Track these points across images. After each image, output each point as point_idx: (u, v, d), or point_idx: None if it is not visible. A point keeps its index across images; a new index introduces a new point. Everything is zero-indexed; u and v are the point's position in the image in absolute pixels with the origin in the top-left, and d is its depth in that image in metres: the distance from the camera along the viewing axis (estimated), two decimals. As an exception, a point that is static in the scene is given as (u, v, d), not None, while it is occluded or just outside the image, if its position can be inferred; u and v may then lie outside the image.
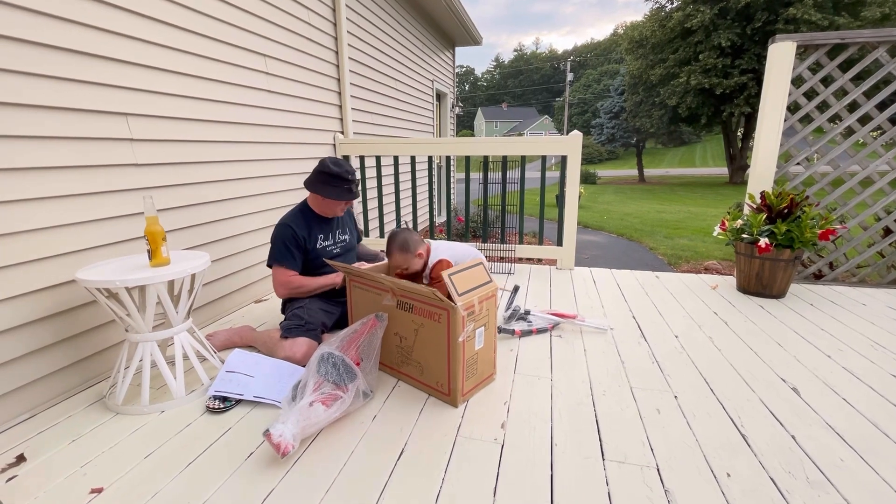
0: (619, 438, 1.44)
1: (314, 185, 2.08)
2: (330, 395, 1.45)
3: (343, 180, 2.05)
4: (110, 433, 1.51)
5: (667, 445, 1.41)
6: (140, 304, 1.67)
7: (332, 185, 2.05)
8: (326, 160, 2.06)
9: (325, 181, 2.05)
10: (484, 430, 1.49)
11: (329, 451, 1.40)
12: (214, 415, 1.60)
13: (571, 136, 3.25)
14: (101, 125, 1.83)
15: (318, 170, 2.06)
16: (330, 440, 1.45)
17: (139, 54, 1.97)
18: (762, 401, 1.65)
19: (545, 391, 1.73)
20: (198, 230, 2.36)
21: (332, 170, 2.03)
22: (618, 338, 2.20)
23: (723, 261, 5.75)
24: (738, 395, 1.68)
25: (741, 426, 1.50)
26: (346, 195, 2.08)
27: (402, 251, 1.97)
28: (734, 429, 1.49)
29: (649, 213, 10.85)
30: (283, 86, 2.99)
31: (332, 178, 2.04)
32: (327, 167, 2.04)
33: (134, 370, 1.64)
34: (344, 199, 2.08)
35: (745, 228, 2.77)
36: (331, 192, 2.06)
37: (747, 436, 1.45)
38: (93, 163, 1.80)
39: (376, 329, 1.72)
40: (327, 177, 2.04)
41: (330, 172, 2.03)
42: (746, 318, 2.45)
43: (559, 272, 3.40)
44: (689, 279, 3.18)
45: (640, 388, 1.74)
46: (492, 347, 1.75)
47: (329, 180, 2.05)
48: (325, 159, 2.06)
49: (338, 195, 2.07)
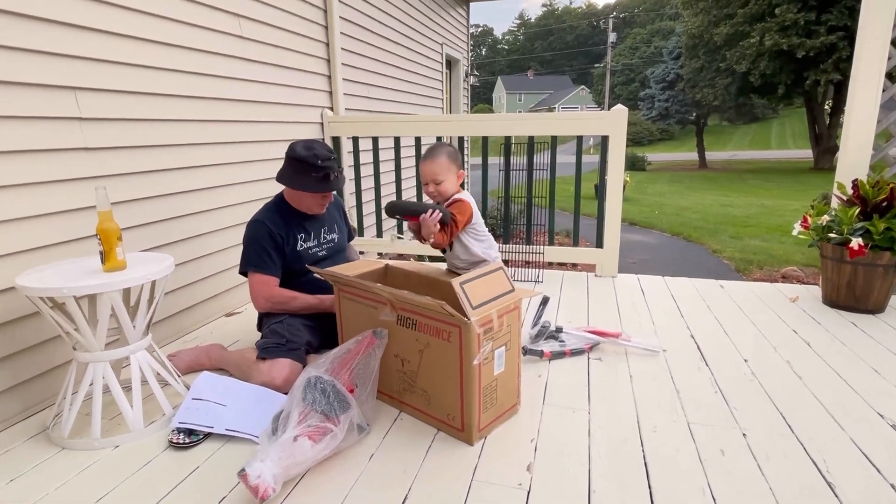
0: (672, 485, 1.44)
1: (283, 173, 2.11)
2: (318, 428, 1.48)
3: (311, 166, 2.03)
4: (55, 471, 1.55)
5: (732, 494, 1.41)
6: (90, 316, 1.72)
7: (300, 172, 2.05)
8: (297, 142, 2.08)
9: (293, 167, 2.06)
10: (505, 474, 1.50)
11: (317, 497, 1.42)
12: (179, 451, 1.63)
13: (614, 111, 3.26)
14: (44, 101, 1.89)
15: (286, 155, 2.09)
16: (318, 483, 1.47)
17: (89, 16, 2.03)
18: (853, 440, 1.64)
19: (581, 426, 1.73)
20: (158, 227, 2.42)
21: (300, 153, 2.03)
22: (672, 361, 2.20)
23: (805, 266, 5.69)
24: (822, 433, 1.67)
25: (826, 471, 1.49)
26: (317, 185, 2.07)
27: (450, 158, 2.05)
28: (817, 474, 1.48)
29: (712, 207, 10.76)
30: (260, 52, 3.05)
31: (299, 164, 2.04)
32: (294, 151, 2.05)
33: (83, 396, 1.68)
34: (316, 190, 2.08)
35: (832, 226, 2.75)
36: (299, 183, 2.07)
37: (834, 484, 1.44)
38: (34, 147, 1.86)
39: (374, 349, 1.75)
40: (294, 162, 2.05)
41: (296, 157, 2.04)
42: (834, 337, 2.43)
43: (599, 280, 3.40)
44: (761, 289, 3.16)
45: (699, 423, 1.74)
46: (515, 372, 1.76)
47: (296, 166, 2.05)
48: (295, 142, 2.09)
49: (307, 186, 2.07)
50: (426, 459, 1.57)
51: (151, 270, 1.70)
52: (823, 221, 2.79)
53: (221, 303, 2.88)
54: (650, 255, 6.85)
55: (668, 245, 7.54)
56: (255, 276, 2.11)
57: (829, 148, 18.14)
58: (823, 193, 4.44)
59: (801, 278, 5.28)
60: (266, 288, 2.10)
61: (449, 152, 2.07)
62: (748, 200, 11.78)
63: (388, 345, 1.79)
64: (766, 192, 13.25)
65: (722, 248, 6.90)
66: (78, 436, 1.69)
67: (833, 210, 2.83)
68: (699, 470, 1.50)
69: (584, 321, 2.67)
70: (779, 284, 3.29)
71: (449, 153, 2.07)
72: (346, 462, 1.56)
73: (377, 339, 1.76)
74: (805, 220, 2.90)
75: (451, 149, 2.11)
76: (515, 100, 56.21)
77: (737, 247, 6.93)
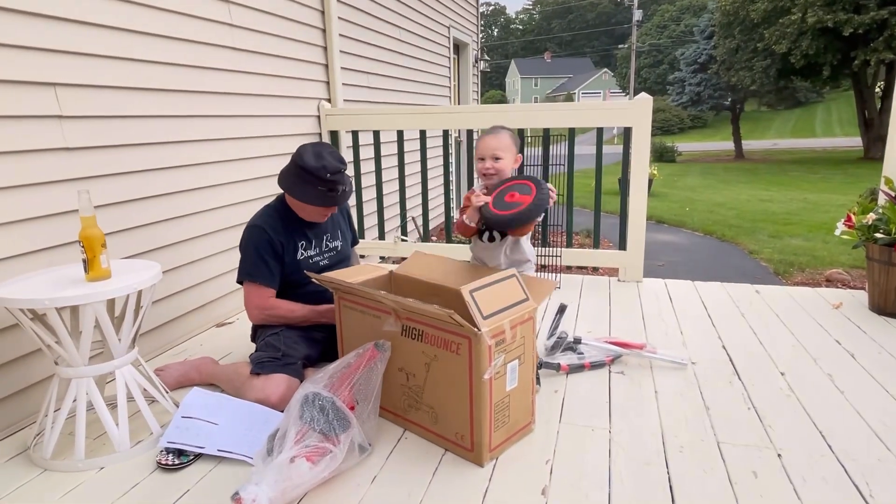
0: (700, 510, 1.46)
1: (286, 178, 2.13)
2: (316, 448, 1.51)
3: (318, 179, 2.04)
4: (37, 494, 1.59)
5: (766, 521, 1.42)
6: (73, 328, 1.77)
7: (304, 182, 2.06)
8: (306, 147, 2.09)
9: (298, 175, 2.07)
10: (519, 497, 1.52)
11: (315, 522, 1.45)
12: (168, 473, 1.67)
13: (637, 100, 3.27)
14: (22, 98, 1.94)
15: (293, 158, 2.11)
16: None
17: (69, 8, 2.09)
18: (900, 462, 1.65)
19: (601, 446, 1.76)
20: (144, 232, 2.47)
21: (307, 163, 2.04)
22: (701, 375, 2.21)
23: (852, 269, 5.66)
24: (866, 455, 1.68)
25: (870, 496, 1.50)
26: (320, 200, 2.09)
27: (512, 138, 2.09)
28: (860, 499, 1.49)
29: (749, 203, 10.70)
30: (252, 41, 3.10)
31: (306, 174, 2.04)
32: (302, 157, 2.06)
33: (66, 414, 1.72)
34: (321, 204, 2.11)
35: (879, 225, 2.75)
36: (301, 193, 2.09)
37: (878, 509, 1.46)
38: (10, 148, 1.91)
39: (376, 362, 1.78)
40: (301, 171, 2.06)
41: (304, 166, 2.04)
42: (881, 348, 2.43)
43: (622, 286, 3.41)
44: (802, 294, 3.16)
45: (730, 442, 1.76)
46: (529, 388, 1.79)
47: (302, 175, 2.06)
48: (304, 146, 2.10)
49: (311, 198, 2.09)
50: (433, 482, 1.60)
51: (138, 279, 1.74)
52: (869, 220, 2.79)
53: (212, 312, 2.93)
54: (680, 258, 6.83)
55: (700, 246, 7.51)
56: (250, 286, 2.15)
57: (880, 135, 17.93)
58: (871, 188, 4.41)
59: (847, 282, 5.25)
60: (261, 299, 2.14)
61: (511, 133, 2.13)
62: (790, 195, 11.70)
63: (392, 357, 1.82)
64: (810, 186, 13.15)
65: (759, 249, 6.87)
66: (61, 456, 1.73)
67: (880, 207, 2.83)
68: (730, 494, 1.52)
69: (605, 331, 2.68)
70: (821, 289, 3.28)
71: (511, 134, 2.12)
72: (346, 485, 1.59)
73: (379, 352, 1.79)
74: (849, 219, 2.90)
75: (512, 131, 2.16)
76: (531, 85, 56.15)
77: (776, 247, 6.90)
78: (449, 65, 7.25)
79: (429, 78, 6.44)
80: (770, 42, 18.29)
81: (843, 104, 33.10)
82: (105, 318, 1.69)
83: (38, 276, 1.82)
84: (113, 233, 2.29)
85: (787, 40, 17.58)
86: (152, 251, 2.51)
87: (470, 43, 8.29)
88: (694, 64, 28.94)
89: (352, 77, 4.36)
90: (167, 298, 2.61)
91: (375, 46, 4.85)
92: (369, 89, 4.74)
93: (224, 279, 2.96)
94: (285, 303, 2.17)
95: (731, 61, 21.20)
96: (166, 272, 2.57)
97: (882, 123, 18.06)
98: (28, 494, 1.60)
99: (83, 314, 1.67)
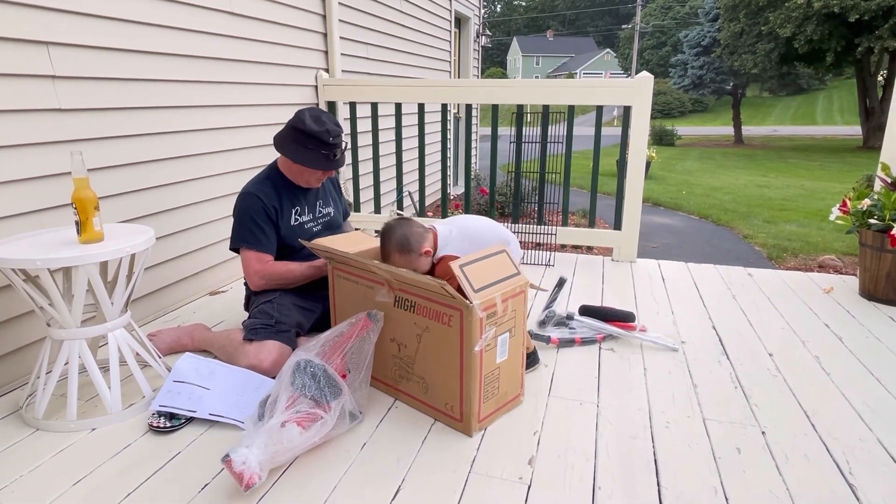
0: (683, 484, 1.49)
1: (283, 143, 2.14)
2: (307, 414, 1.53)
3: (321, 143, 2.08)
4: (29, 453, 1.61)
5: (747, 495, 1.45)
6: (65, 290, 1.77)
7: (305, 147, 2.09)
8: (304, 112, 2.11)
9: (298, 141, 2.10)
10: (506, 467, 1.55)
11: (305, 486, 1.47)
12: (159, 435, 1.69)
13: (639, 79, 3.24)
14: (14, 57, 1.91)
15: (291, 123, 2.12)
16: (306, 471, 1.52)
17: (64, -36, 2.04)
18: (881, 442, 1.67)
19: (589, 420, 1.78)
20: (138, 197, 2.46)
21: (309, 127, 2.07)
22: (690, 354, 2.24)
23: (845, 255, 5.70)
24: (849, 435, 1.71)
25: (849, 474, 1.53)
26: (322, 163, 2.12)
27: (402, 252, 1.92)
28: (840, 478, 1.52)
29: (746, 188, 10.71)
30: (249, 6, 3.04)
31: (308, 139, 2.08)
32: (302, 122, 2.08)
33: (58, 376, 1.74)
34: (319, 167, 2.13)
35: (873, 211, 2.76)
36: (303, 157, 2.11)
37: (856, 486, 1.48)
38: (3, 107, 1.88)
39: (368, 332, 1.79)
40: (301, 135, 2.08)
41: (305, 130, 2.07)
42: (869, 332, 2.46)
43: (616, 265, 3.42)
44: (793, 279, 3.18)
45: (715, 419, 1.78)
46: (519, 361, 1.81)
47: (303, 140, 2.09)
48: (302, 111, 2.11)
49: (312, 162, 2.11)
50: (422, 450, 1.62)
51: (131, 243, 1.74)
52: (864, 206, 2.79)
53: (206, 280, 2.93)
54: (675, 240, 6.85)
55: (695, 229, 7.53)
56: (248, 254, 2.15)
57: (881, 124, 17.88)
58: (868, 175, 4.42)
59: (838, 268, 5.28)
60: (260, 264, 2.14)
61: (399, 246, 1.93)
62: (787, 181, 11.70)
63: (385, 328, 1.83)
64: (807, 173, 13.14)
65: (754, 234, 6.89)
66: (52, 417, 1.75)
67: (875, 194, 2.83)
68: (713, 469, 1.55)
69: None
70: (813, 274, 3.30)
71: (399, 247, 1.93)
72: (336, 450, 1.61)
73: (372, 322, 1.80)
74: (844, 204, 2.91)
75: (401, 239, 1.93)
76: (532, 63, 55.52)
77: (770, 232, 6.92)
78: (450, 38, 7.15)
79: (429, 51, 6.36)
80: (774, 26, 18.10)
81: (845, 92, 32.94)
82: (98, 280, 1.69)
83: (30, 237, 1.82)
84: (108, 197, 2.27)
85: (792, 24, 17.39)
86: (147, 217, 2.50)
87: (472, 17, 8.17)
88: (697, 46, 28.64)
89: (351, 47, 4.30)
90: (161, 265, 2.61)
91: (375, 17, 4.77)
92: (368, 61, 4.67)
93: (218, 248, 2.95)
94: (283, 263, 2.18)
95: (735, 45, 20.99)
96: (161, 238, 2.57)
97: (882, 112, 18.00)
98: (20, 452, 1.62)
99: (76, 276, 1.67)
